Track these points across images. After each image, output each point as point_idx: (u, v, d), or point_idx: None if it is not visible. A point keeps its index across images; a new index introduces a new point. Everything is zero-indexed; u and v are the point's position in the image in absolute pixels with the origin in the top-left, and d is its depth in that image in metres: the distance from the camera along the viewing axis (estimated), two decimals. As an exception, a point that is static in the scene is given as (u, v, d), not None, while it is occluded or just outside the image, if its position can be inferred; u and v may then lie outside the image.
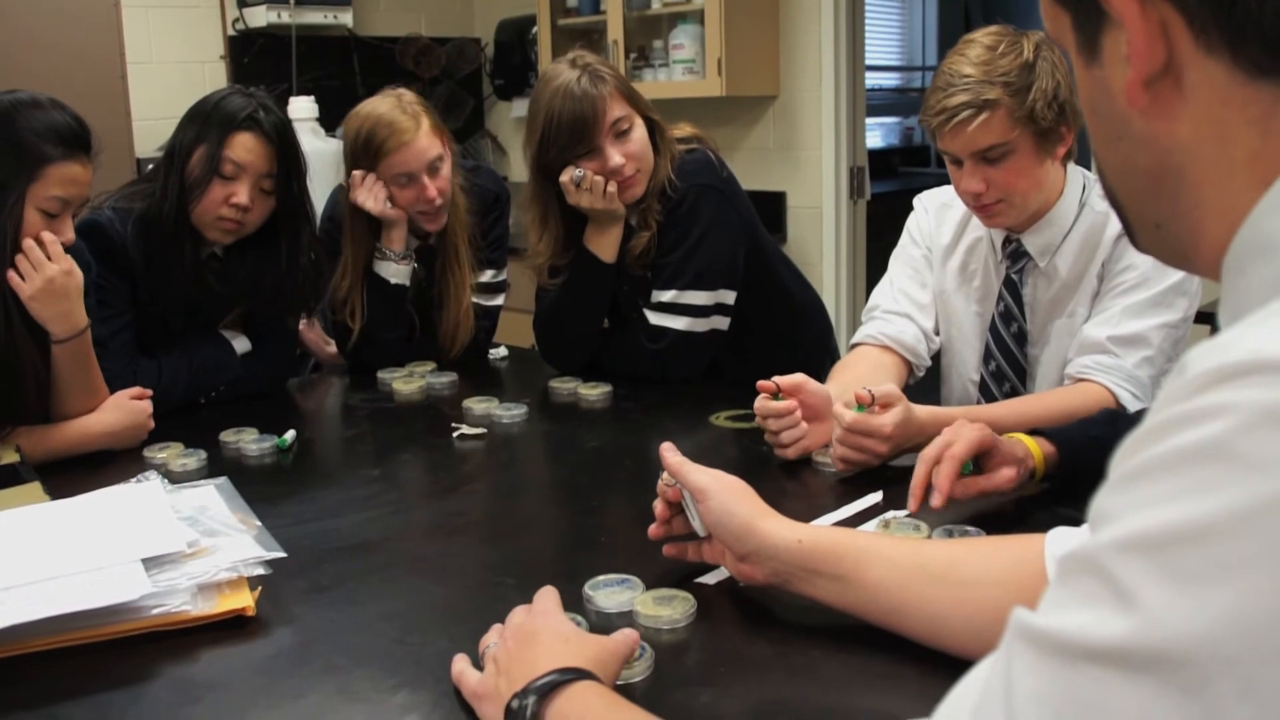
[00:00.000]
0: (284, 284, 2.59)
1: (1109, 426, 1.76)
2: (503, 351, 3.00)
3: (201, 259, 2.51)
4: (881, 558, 1.29)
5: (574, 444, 2.28)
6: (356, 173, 2.72)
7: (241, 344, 2.63)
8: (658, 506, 1.53)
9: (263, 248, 2.55)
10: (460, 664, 1.24)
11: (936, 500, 1.61)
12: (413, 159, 2.67)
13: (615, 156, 2.45)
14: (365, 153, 2.69)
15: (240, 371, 2.60)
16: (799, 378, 1.99)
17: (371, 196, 2.71)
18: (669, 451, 1.48)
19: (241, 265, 2.55)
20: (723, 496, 1.39)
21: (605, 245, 2.58)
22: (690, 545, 1.50)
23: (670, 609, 1.38)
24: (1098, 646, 0.58)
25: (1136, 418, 1.90)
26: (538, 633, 1.19)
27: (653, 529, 1.53)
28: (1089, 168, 2.23)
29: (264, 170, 2.44)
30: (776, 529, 1.35)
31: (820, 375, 2.16)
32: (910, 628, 1.26)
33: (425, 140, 2.67)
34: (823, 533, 1.36)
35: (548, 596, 1.28)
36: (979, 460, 1.69)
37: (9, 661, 1.34)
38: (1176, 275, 2.04)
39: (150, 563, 1.45)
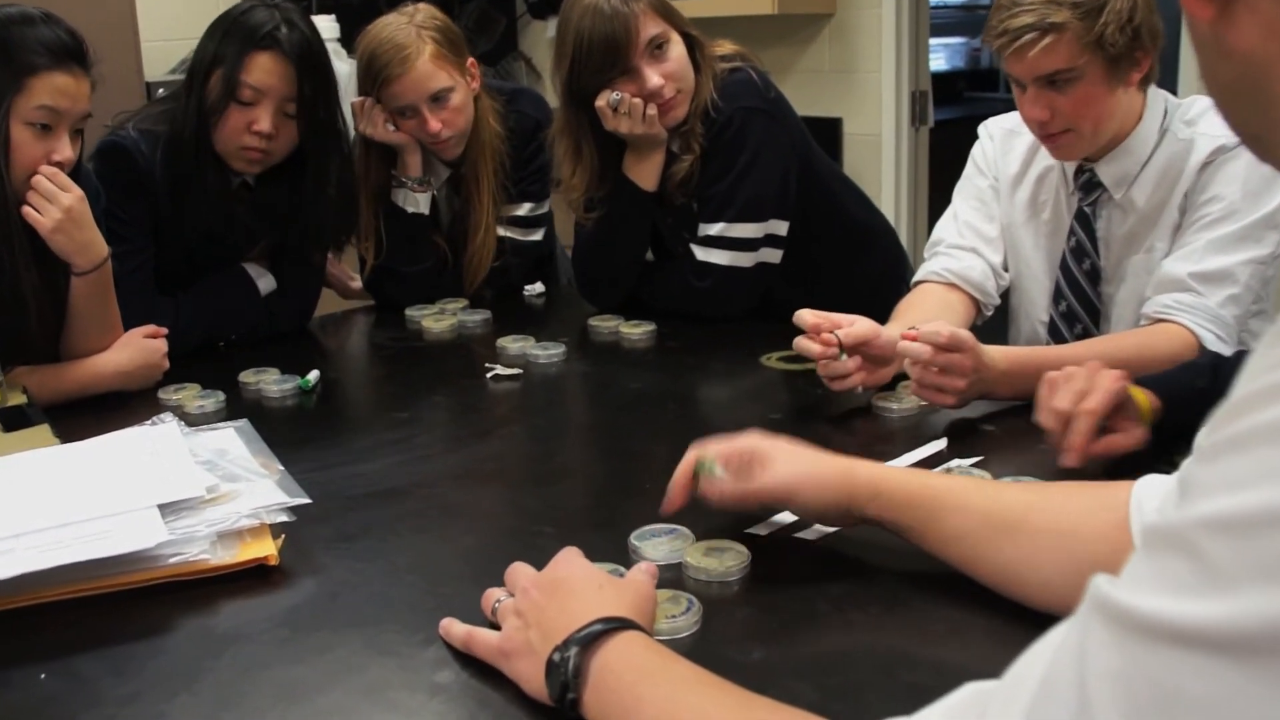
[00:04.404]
0: (313, 216, 2.58)
1: (1214, 377, 1.70)
2: (539, 288, 3.00)
3: (230, 188, 2.50)
4: (956, 509, 1.29)
5: (615, 386, 2.28)
6: (355, 100, 2.73)
7: (266, 283, 2.63)
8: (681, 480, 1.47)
9: (298, 177, 2.53)
10: (458, 626, 1.24)
11: (1071, 460, 1.56)
12: (410, 90, 2.65)
13: (653, 77, 2.43)
14: (367, 78, 2.69)
15: (264, 316, 2.61)
16: (865, 331, 1.91)
17: (372, 124, 2.71)
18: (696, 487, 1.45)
19: (274, 196, 2.54)
20: (805, 495, 1.37)
21: (646, 173, 2.56)
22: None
23: (721, 561, 1.38)
24: (1181, 628, 0.58)
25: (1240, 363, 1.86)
26: (569, 581, 1.19)
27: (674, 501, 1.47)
28: (1175, 91, 2.20)
29: (286, 93, 2.41)
30: (861, 479, 1.35)
31: (891, 307, 2.14)
32: (982, 577, 1.27)
33: (425, 70, 2.64)
34: (898, 481, 1.35)
35: (569, 551, 1.27)
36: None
37: (21, 612, 1.36)
38: (1268, 207, 2.01)
39: (167, 509, 1.46)
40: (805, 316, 1.93)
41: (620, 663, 1.06)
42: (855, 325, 1.92)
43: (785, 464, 1.38)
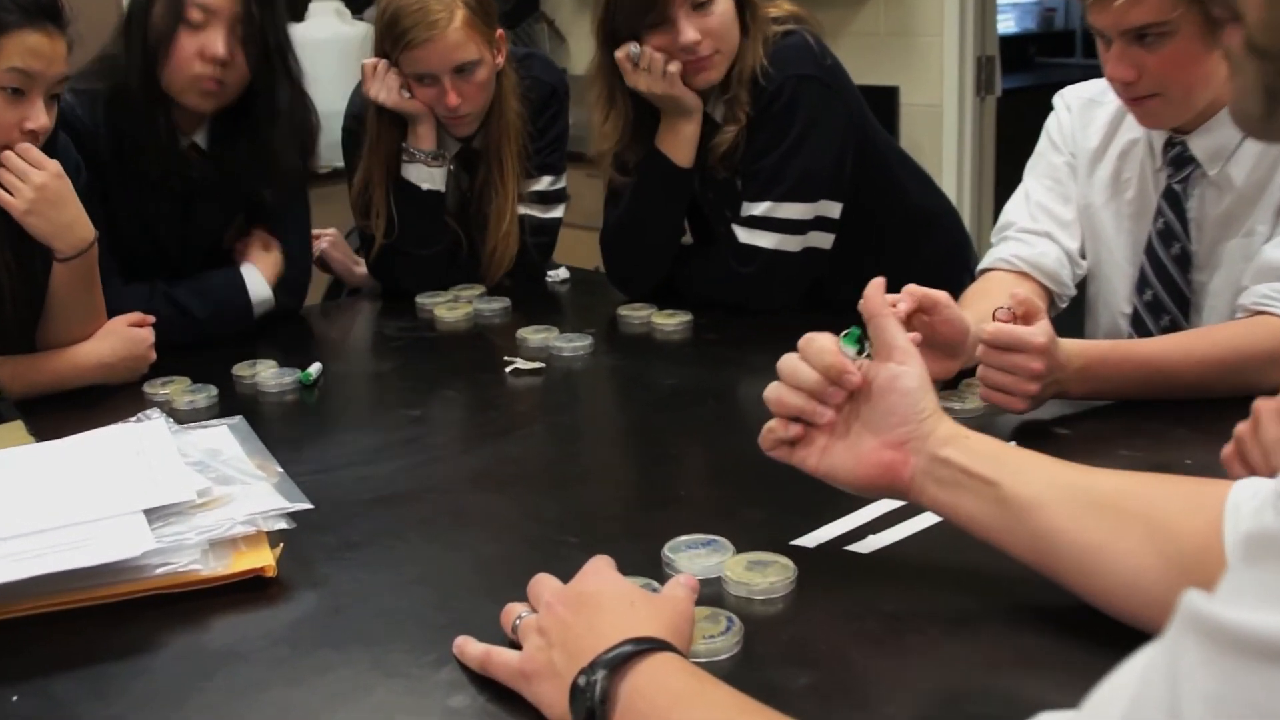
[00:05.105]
0: (274, 156, 2.58)
1: None
2: (563, 273, 3.00)
3: (180, 148, 2.51)
4: (1043, 473, 1.28)
5: (647, 381, 2.28)
6: (367, 62, 2.73)
7: (261, 291, 2.62)
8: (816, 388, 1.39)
9: (254, 132, 2.54)
10: (474, 645, 1.24)
11: None
12: (434, 59, 2.64)
13: (689, 31, 2.42)
14: (387, 38, 2.68)
15: (254, 324, 2.62)
16: (936, 295, 1.85)
17: (385, 88, 2.71)
18: (879, 291, 1.40)
19: (229, 150, 2.56)
20: (924, 370, 1.36)
21: (679, 146, 2.56)
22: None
23: (764, 575, 1.38)
24: None
25: None
26: (597, 596, 1.19)
27: (780, 426, 1.44)
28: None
29: (236, 12, 2.40)
30: (950, 423, 1.34)
31: (953, 297, 2.13)
32: (1056, 559, 1.24)
33: (454, 39, 2.62)
34: (989, 438, 1.34)
35: (600, 562, 1.27)
36: None
37: (-8, 626, 1.36)
38: None
39: (154, 514, 1.47)
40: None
41: (652, 687, 1.06)
42: (931, 290, 1.88)
43: (920, 365, 1.37)
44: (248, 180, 2.60)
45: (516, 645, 1.21)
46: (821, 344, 1.39)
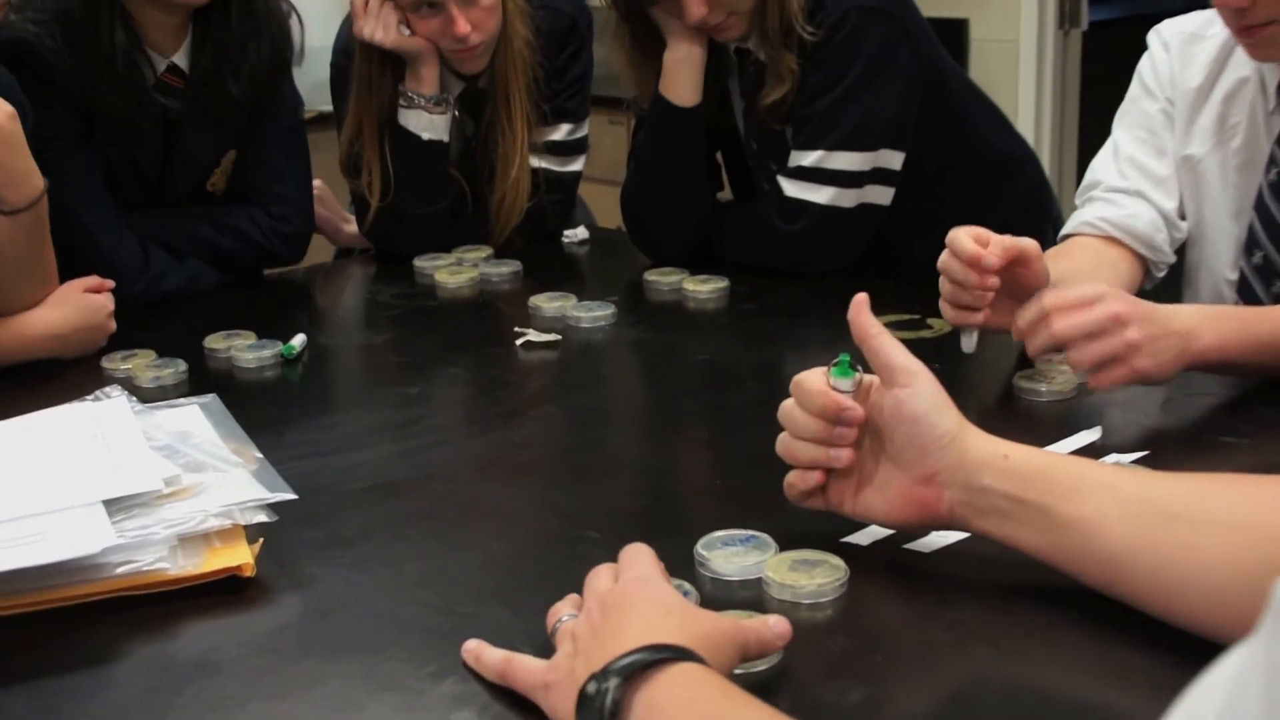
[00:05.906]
0: (243, 48, 2.61)
1: None
2: (581, 232, 3.00)
3: (147, 75, 2.55)
4: (1103, 486, 1.27)
5: (677, 356, 2.29)
6: None
7: None
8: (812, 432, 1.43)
9: (223, 31, 2.57)
10: (493, 651, 1.24)
11: None
12: None
13: (694, 8, 2.43)
14: None
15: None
16: (1026, 246, 1.86)
17: (381, 25, 2.70)
18: (863, 309, 1.44)
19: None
20: (933, 388, 1.37)
21: (678, 84, 2.59)
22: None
23: (811, 577, 1.38)
24: None
25: None
26: (630, 603, 1.18)
27: (798, 479, 1.47)
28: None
29: None
30: (981, 439, 1.35)
31: None
32: (1130, 581, 1.25)
33: None
34: (1032, 451, 1.35)
35: (641, 558, 1.27)
36: None
37: (-67, 632, 1.37)
38: None
39: (115, 506, 1.47)
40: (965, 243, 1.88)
41: (673, 701, 1.05)
42: (1020, 239, 1.87)
43: (927, 383, 1.38)
44: (218, 84, 2.61)
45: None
46: (810, 386, 1.43)
